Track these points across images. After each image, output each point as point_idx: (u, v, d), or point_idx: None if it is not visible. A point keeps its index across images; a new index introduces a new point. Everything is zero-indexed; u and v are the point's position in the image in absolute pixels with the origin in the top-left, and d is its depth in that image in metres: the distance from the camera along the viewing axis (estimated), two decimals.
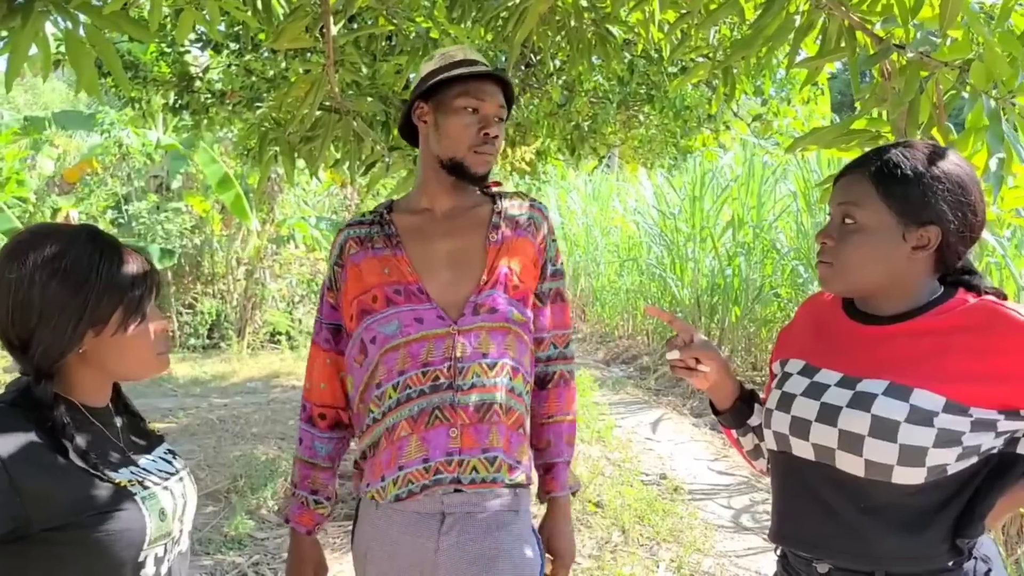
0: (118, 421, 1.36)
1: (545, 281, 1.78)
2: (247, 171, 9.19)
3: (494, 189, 1.81)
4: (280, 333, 10.22)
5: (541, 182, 8.53)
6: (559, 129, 5.34)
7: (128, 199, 10.41)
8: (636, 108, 5.66)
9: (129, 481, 1.26)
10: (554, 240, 1.81)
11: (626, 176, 13.26)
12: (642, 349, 9.84)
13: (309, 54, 3.73)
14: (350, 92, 3.48)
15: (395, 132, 3.67)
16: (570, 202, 13.79)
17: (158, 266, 8.73)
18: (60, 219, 10.40)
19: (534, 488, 1.76)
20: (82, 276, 1.19)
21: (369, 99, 3.27)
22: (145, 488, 1.28)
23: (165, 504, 1.29)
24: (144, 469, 1.32)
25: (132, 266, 1.26)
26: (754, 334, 8.18)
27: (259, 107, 4.62)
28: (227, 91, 5.36)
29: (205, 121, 5.57)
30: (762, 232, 8.37)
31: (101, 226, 10.22)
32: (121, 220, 10.18)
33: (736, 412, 1.53)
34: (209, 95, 5.43)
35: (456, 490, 1.58)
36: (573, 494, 1.80)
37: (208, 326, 10.06)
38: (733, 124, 6.39)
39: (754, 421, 1.54)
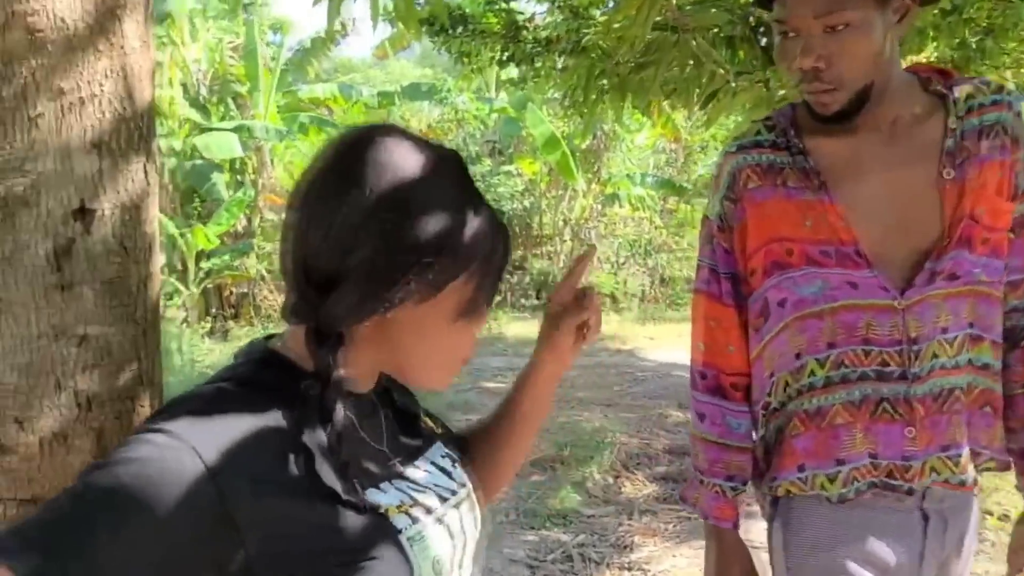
0: (383, 414, 0.93)
1: (1019, 202, 1.33)
2: (572, 125, 9.03)
3: (943, 85, 1.34)
4: (606, 295, 10.07)
5: None
6: (943, 44, 4.28)
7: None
8: None
9: (398, 506, 0.84)
10: None
11: None
12: None
13: None
14: (688, 6, 2.90)
15: (741, 53, 3.04)
16: None
17: None
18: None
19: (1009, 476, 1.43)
20: (446, 220, 0.80)
21: (714, 10, 2.69)
22: (414, 522, 0.84)
23: (439, 548, 0.85)
24: (414, 485, 0.89)
25: (499, 230, 0.85)
26: None
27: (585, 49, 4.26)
28: (552, 38, 5.08)
29: (531, 73, 5.37)
30: None
31: None
32: None
33: None
34: (535, 44, 5.20)
35: (908, 491, 1.32)
36: None
37: (536, 287, 10.22)
38: None
39: None
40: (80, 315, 0.86)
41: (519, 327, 8.89)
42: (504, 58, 5.31)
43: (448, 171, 0.83)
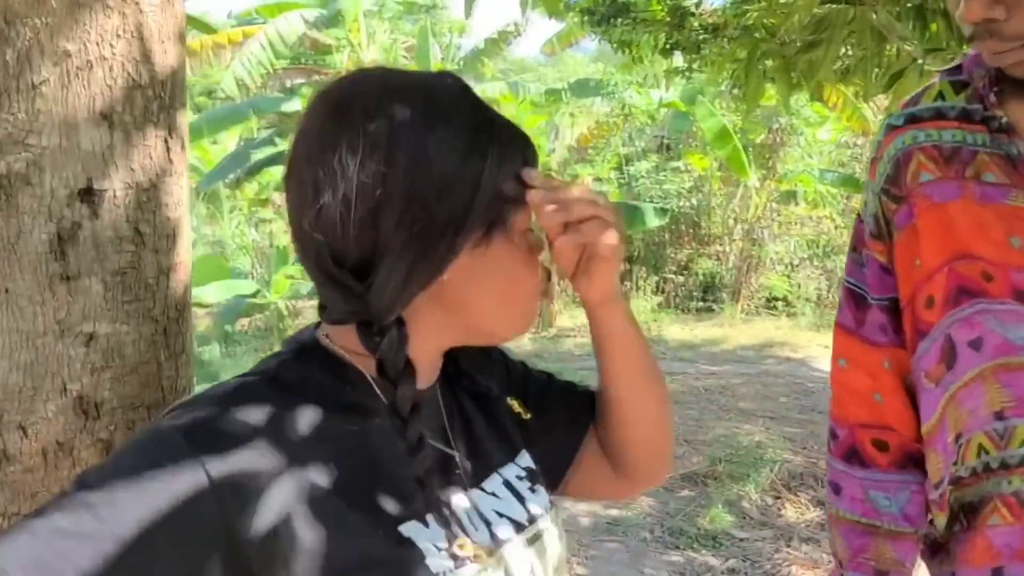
0: (446, 412, 0.77)
1: None
2: (741, 115, 8.53)
3: None
4: (777, 298, 9.49)
5: None
6: None
7: (630, 159, 10.60)
8: None
9: (439, 546, 0.68)
10: None
11: None
12: None
13: None
14: None
15: (934, 26, 2.63)
16: None
17: (650, 224, 8.65)
18: (578, 184, 11.11)
19: None
20: (464, 151, 0.67)
21: None
22: (457, 564, 0.67)
23: None
24: (469, 515, 0.72)
25: (513, 129, 0.72)
26: None
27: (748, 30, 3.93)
28: (720, 23, 4.77)
29: (698, 61, 5.08)
30: None
31: (606, 188, 10.74)
32: (623, 180, 10.42)
33: None
34: (701, 30, 4.90)
35: None
36: None
37: (702, 288, 9.79)
38: None
39: None
40: (87, 310, 0.76)
41: (680, 330, 8.53)
42: (668, 46, 5.06)
43: (446, 93, 0.70)
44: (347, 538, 0.64)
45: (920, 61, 2.61)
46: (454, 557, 0.68)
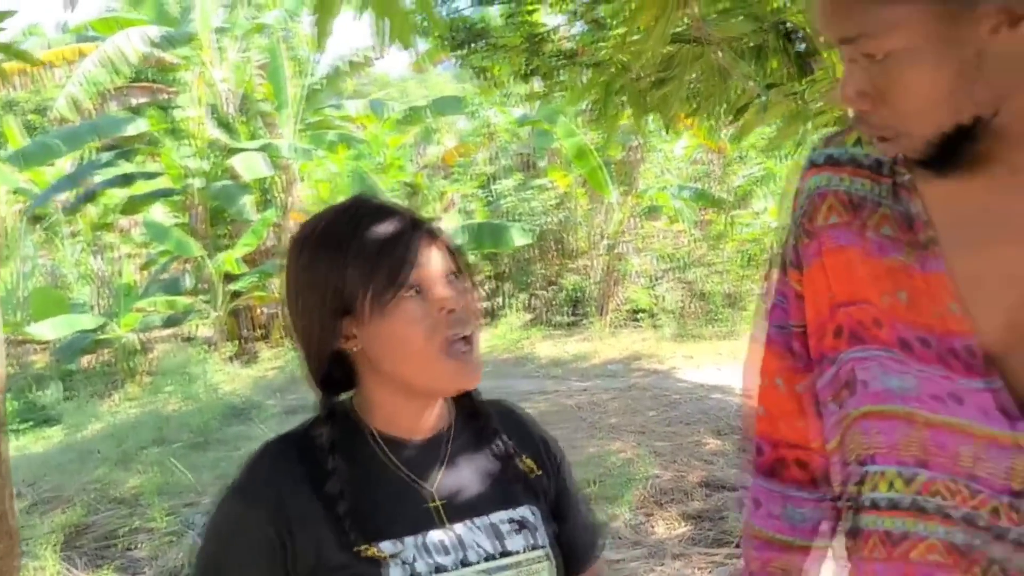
0: (448, 458, 1.00)
1: None
2: (602, 137, 8.79)
3: None
4: (642, 310, 9.79)
5: None
6: None
7: (495, 177, 10.68)
8: None
9: (404, 562, 0.90)
10: None
11: None
12: None
13: None
14: (713, 15, 2.64)
15: (774, 63, 2.76)
16: None
17: (517, 242, 8.73)
18: (444, 202, 11.07)
19: None
20: (332, 245, 0.95)
21: (740, 18, 2.42)
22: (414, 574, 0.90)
23: None
24: (444, 542, 0.94)
25: (391, 225, 0.96)
26: None
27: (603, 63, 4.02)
28: (577, 50, 4.86)
29: (556, 87, 5.15)
30: None
31: (473, 206, 10.75)
32: (489, 198, 10.49)
33: None
34: (558, 56, 4.98)
35: None
36: None
37: (570, 303, 9.98)
38: None
39: None
40: None
41: (551, 347, 8.64)
42: (528, 71, 5.10)
43: (340, 208, 1.00)
44: (338, 549, 0.90)
45: (761, 96, 2.74)
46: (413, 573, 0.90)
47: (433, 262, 0.93)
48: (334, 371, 0.96)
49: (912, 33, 0.81)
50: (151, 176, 9.83)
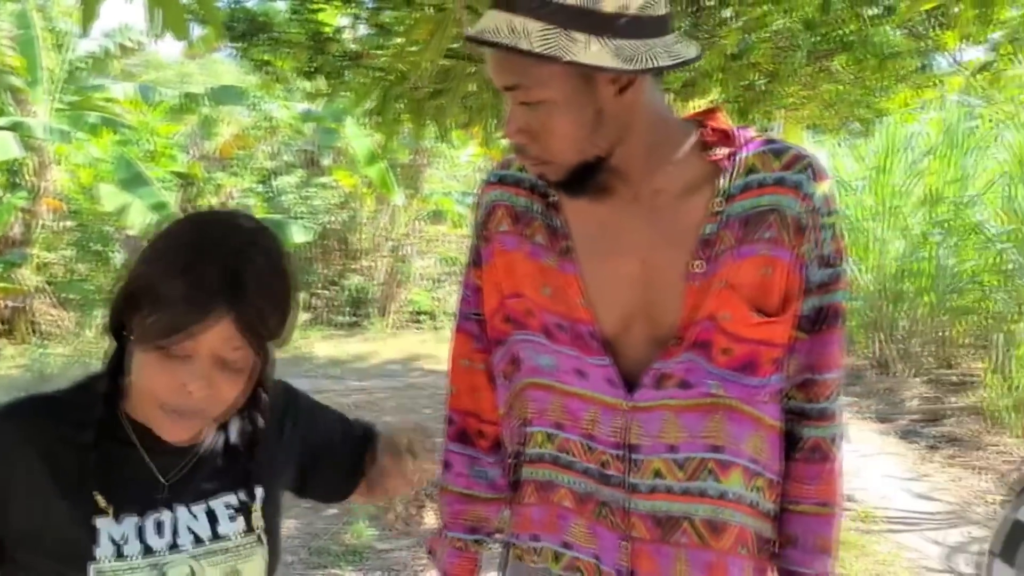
0: (196, 454, 1.04)
1: (810, 296, 1.15)
2: (381, 139, 8.89)
3: (727, 151, 1.14)
4: (424, 312, 9.98)
5: None
6: (731, 86, 4.52)
7: (277, 173, 10.41)
8: (827, 59, 4.73)
9: (113, 539, 0.95)
10: (830, 225, 1.14)
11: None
12: None
13: None
14: None
15: None
16: None
17: (297, 239, 8.57)
18: (223, 195, 10.56)
19: None
20: (152, 256, 0.97)
21: None
22: (120, 557, 0.94)
23: None
24: (166, 525, 0.99)
25: (209, 276, 0.91)
26: (948, 326, 7.72)
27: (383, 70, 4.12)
28: (362, 52, 4.91)
29: (340, 87, 5.15)
30: (963, 209, 7.62)
31: (252, 201, 10.38)
32: (269, 194, 10.20)
33: None
34: (343, 56, 5.00)
35: None
36: None
37: (352, 303, 9.95)
38: (947, 80, 5.30)
39: None
40: None
41: (330, 346, 8.59)
42: (312, 69, 5.07)
43: (188, 225, 1.03)
44: (60, 508, 0.94)
45: None
46: (119, 551, 0.94)
47: (208, 341, 0.91)
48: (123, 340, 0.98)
49: (555, 90, 1.04)
50: None
